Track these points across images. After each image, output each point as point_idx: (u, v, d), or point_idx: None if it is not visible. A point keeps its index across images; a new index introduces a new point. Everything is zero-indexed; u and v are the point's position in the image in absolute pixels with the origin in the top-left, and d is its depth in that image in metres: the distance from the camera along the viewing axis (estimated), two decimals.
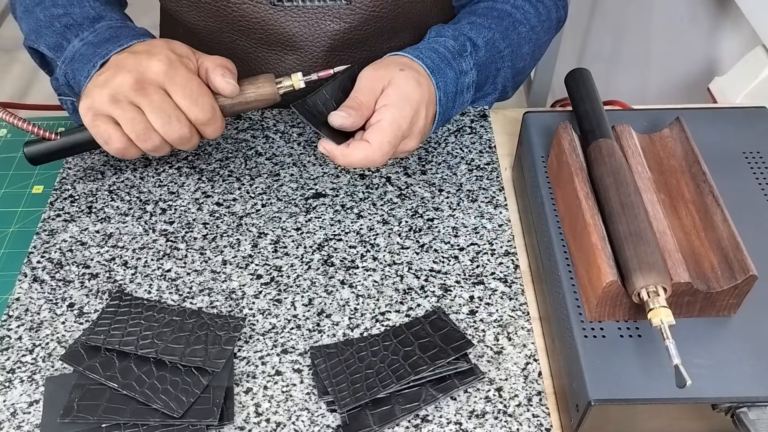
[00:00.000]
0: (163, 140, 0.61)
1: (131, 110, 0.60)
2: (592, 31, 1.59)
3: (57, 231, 0.66)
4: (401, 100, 0.61)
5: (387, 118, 0.60)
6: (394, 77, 0.62)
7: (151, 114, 0.60)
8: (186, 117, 0.61)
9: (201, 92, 0.61)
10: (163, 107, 0.59)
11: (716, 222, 0.52)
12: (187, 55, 0.63)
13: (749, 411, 0.47)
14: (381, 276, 0.63)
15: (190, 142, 0.62)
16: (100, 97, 0.60)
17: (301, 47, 0.75)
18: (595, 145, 0.57)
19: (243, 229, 0.66)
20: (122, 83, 0.59)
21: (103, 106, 0.60)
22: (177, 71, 0.60)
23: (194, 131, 0.62)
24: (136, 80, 0.59)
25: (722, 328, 0.51)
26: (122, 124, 0.60)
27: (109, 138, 0.61)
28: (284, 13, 0.73)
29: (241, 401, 0.55)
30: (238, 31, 0.75)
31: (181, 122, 0.60)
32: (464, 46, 0.69)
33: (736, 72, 0.86)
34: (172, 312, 0.59)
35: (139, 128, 0.60)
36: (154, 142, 0.61)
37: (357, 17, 0.74)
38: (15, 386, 0.56)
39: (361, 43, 0.76)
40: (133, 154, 0.62)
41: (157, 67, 0.60)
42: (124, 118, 0.60)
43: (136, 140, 0.61)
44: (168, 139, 0.61)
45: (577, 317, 0.52)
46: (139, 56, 0.61)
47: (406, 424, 0.53)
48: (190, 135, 0.62)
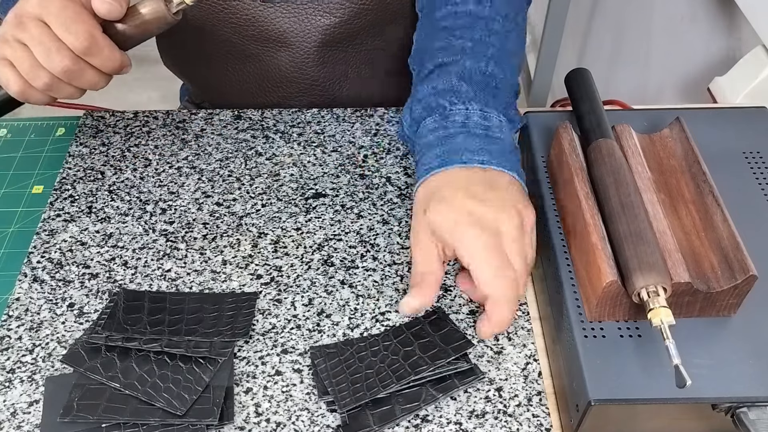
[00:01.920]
0: (52, 76, 0.59)
1: (19, 48, 0.58)
2: (592, 31, 1.59)
3: (57, 231, 0.66)
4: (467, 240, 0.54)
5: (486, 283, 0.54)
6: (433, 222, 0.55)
7: (33, 48, 0.57)
8: (67, 47, 0.58)
9: (76, 19, 0.57)
10: (42, 39, 0.57)
11: (716, 222, 0.52)
12: None
13: (749, 411, 0.47)
14: (381, 276, 0.63)
15: (83, 77, 0.59)
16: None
17: (293, 43, 0.76)
18: (595, 145, 0.57)
19: (243, 229, 0.66)
20: (7, 22, 0.58)
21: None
22: (51, 1, 0.57)
23: (82, 63, 0.59)
24: (15, 15, 0.58)
25: (722, 328, 0.51)
26: (14, 63, 0.59)
27: (7, 81, 0.59)
28: (274, 10, 0.74)
29: (241, 401, 0.55)
30: (230, 27, 0.76)
31: (61, 53, 0.57)
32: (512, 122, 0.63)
33: (736, 72, 0.86)
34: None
35: (27, 66, 0.58)
36: (44, 80, 0.58)
37: (347, 11, 0.74)
38: (15, 386, 0.56)
39: (352, 36, 0.77)
40: (37, 97, 0.60)
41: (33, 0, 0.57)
42: (14, 57, 0.58)
43: (27, 78, 0.59)
44: (54, 73, 0.58)
45: (577, 317, 0.52)
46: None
47: (406, 424, 0.53)
48: (78, 67, 0.58)
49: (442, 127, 0.61)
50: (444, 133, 0.60)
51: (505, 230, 0.55)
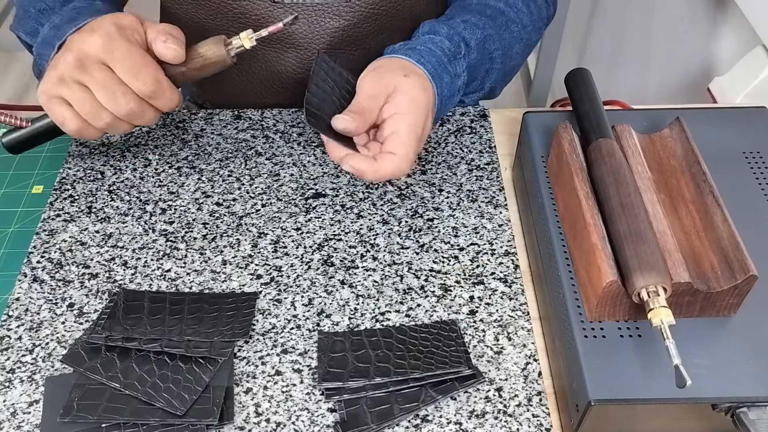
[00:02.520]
0: (114, 117, 0.60)
1: (78, 90, 0.59)
2: (592, 31, 1.59)
3: (57, 231, 0.66)
4: (411, 106, 0.61)
5: (403, 127, 0.60)
6: (400, 84, 0.61)
7: (96, 91, 0.59)
8: (131, 91, 0.59)
9: (142, 64, 0.59)
10: (106, 83, 0.58)
11: (716, 222, 0.52)
12: (132, 26, 0.61)
13: (749, 411, 0.47)
14: (381, 276, 0.63)
15: (143, 117, 0.61)
16: (50, 80, 0.59)
17: (301, 45, 0.75)
18: (595, 145, 0.57)
19: (243, 229, 0.66)
20: (66, 63, 0.59)
21: (53, 88, 0.59)
22: (115, 44, 0.59)
23: (145, 105, 0.61)
24: (76, 58, 0.59)
25: (722, 328, 0.51)
26: (72, 104, 0.59)
27: (63, 120, 0.60)
28: (284, 11, 0.73)
29: (241, 401, 0.55)
30: (238, 28, 0.76)
31: (126, 97, 0.59)
32: (459, 48, 0.69)
33: (736, 72, 0.86)
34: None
35: (88, 107, 0.59)
36: (106, 120, 0.60)
37: (356, 15, 0.74)
38: (15, 386, 0.56)
39: (360, 40, 0.77)
40: (92, 134, 0.62)
41: (95, 42, 0.59)
42: (73, 98, 0.59)
43: (88, 119, 0.60)
44: (118, 116, 0.60)
45: (577, 317, 0.52)
46: (82, 34, 0.60)
47: (405, 424, 0.53)
48: (141, 109, 0.60)
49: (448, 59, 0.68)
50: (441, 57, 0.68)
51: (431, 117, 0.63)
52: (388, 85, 0.61)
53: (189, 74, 0.63)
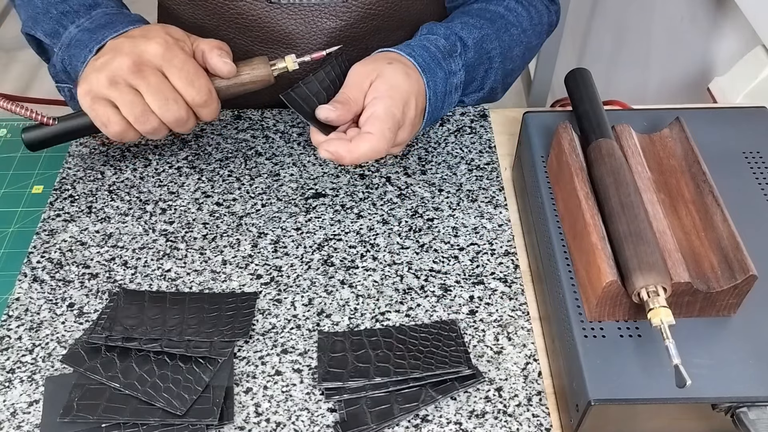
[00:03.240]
0: (160, 122, 0.61)
1: (129, 93, 0.60)
2: (592, 31, 1.59)
3: (57, 231, 0.66)
4: (390, 89, 0.61)
5: (380, 108, 0.60)
6: (382, 70, 0.62)
7: (149, 96, 0.60)
8: (183, 99, 0.61)
9: (198, 74, 0.61)
10: (160, 89, 0.60)
11: (716, 222, 0.52)
12: (183, 38, 0.63)
13: (749, 411, 0.47)
14: (381, 276, 0.63)
15: (187, 124, 0.63)
16: (98, 81, 0.60)
17: (298, 45, 0.76)
18: (595, 145, 0.57)
19: (243, 229, 0.66)
20: (120, 66, 0.60)
21: (102, 90, 0.60)
22: (174, 54, 0.60)
23: (191, 113, 0.62)
24: (133, 63, 0.60)
25: (722, 328, 0.51)
26: (120, 106, 0.60)
27: (108, 121, 0.61)
28: (281, 11, 0.74)
29: (241, 401, 0.55)
30: (235, 28, 0.76)
31: (178, 104, 0.61)
32: (455, 46, 0.69)
33: (736, 72, 0.86)
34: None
35: (138, 110, 0.60)
36: (152, 124, 0.61)
37: (353, 15, 0.74)
38: (15, 386, 0.56)
39: (357, 41, 0.77)
40: (131, 137, 0.63)
41: (154, 49, 0.60)
42: (123, 101, 0.60)
43: (134, 122, 0.61)
44: (165, 121, 0.61)
45: (577, 317, 0.52)
46: (135, 40, 0.61)
47: (405, 424, 0.53)
48: (187, 117, 0.62)
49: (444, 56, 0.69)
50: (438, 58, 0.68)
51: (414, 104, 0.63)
52: (371, 72, 0.63)
53: (232, 89, 0.65)
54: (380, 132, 0.59)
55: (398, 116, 0.61)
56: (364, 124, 0.61)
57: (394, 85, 0.62)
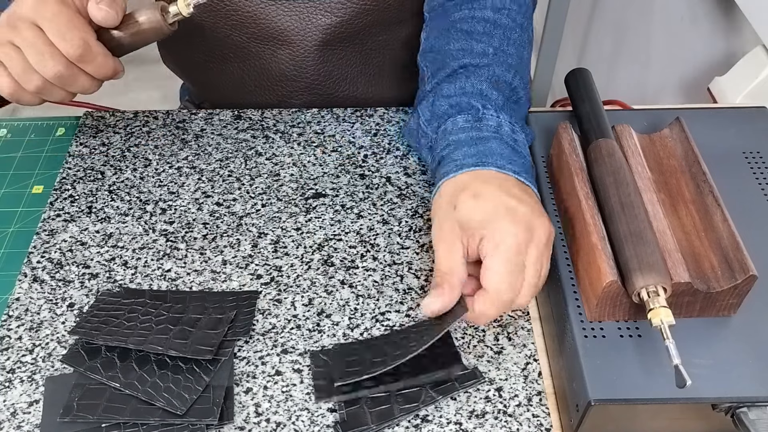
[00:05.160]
0: (44, 80, 0.59)
1: (10, 49, 0.58)
2: (592, 31, 1.59)
3: (57, 231, 0.66)
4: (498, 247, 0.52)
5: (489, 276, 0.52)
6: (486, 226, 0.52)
7: (26, 51, 0.58)
8: (60, 53, 0.58)
9: (71, 25, 0.57)
10: (35, 43, 0.57)
11: (716, 222, 0.52)
12: None
13: (749, 411, 0.47)
14: (381, 276, 0.63)
15: (76, 82, 0.60)
16: None
17: (293, 41, 0.76)
18: (595, 145, 0.57)
19: (243, 229, 0.66)
20: (0, 24, 0.58)
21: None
22: (45, 6, 0.57)
23: (75, 69, 0.59)
24: (8, 18, 0.58)
25: (722, 328, 0.51)
26: (5, 64, 0.59)
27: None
28: (276, 7, 0.74)
29: (241, 401, 0.55)
30: (230, 25, 0.76)
31: (54, 59, 0.58)
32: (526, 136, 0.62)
33: (736, 72, 0.86)
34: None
35: (19, 68, 0.58)
36: (36, 83, 0.59)
37: (348, 11, 0.74)
38: (15, 386, 0.56)
39: (352, 36, 0.77)
40: (27, 99, 0.61)
41: (27, 3, 0.58)
42: (6, 58, 0.59)
43: (19, 81, 0.59)
44: (47, 77, 0.58)
45: (577, 317, 0.52)
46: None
47: (406, 424, 0.53)
48: (70, 73, 0.59)
49: (475, 128, 0.59)
50: (477, 135, 0.59)
51: (536, 234, 0.52)
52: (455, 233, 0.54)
53: (125, 40, 0.61)
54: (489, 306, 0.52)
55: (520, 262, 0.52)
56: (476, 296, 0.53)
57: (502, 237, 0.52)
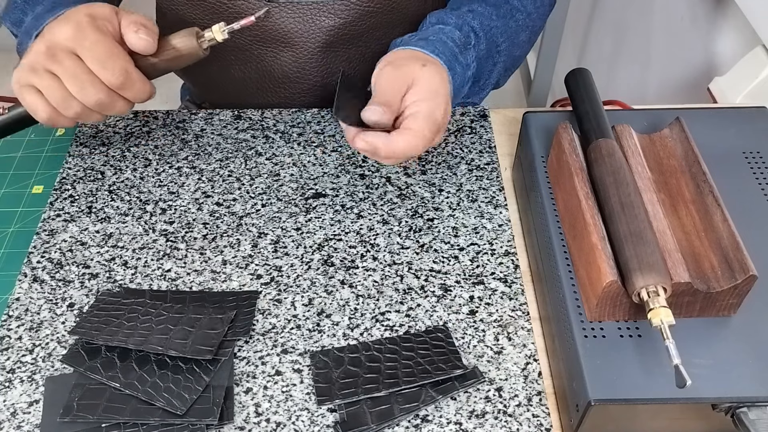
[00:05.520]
0: (83, 107, 0.60)
1: (48, 78, 0.59)
2: (592, 31, 1.59)
3: (57, 231, 0.66)
4: (431, 93, 0.60)
5: (424, 110, 0.59)
6: (418, 75, 0.61)
7: (66, 80, 0.58)
8: (100, 81, 0.59)
9: (110, 54, 0.58)
10: (75, 73, 0.58)
11: (716, 222, 0.52)
12: (106, 16, 0.61)
13: (749, 411, 0.47)
14: (381, 276, 0.63)
15: (114, 107, 0.61)
16: (22, 68, 0.60)
17: (296, 43, 0.76)
18: (595, 145, 0.57)
19: (243, 229, 0.66)
20: (37, 52, 0.59)
21: (25, 77, 0.59)
22: (84, 34, 0.58)
23: (114, 96, 0.60)
24: (47, 48, 0.58)
25: (722, 328, 0.51)
26: (44, 92, 0.59)
27: (35, 108, 0.60)
28: (279, 10, 0.74)
29: (241, 401, 0.55)
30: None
31: (95, 87, 0.59)
32: (468, 38, 0.69)
33: (736, 72, 0.86)
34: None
35: (58, 96, 0.59)
36: (75, 110, 0.60)
37: (352, 13, 0.74)
38: (15, 386, 0.56)
39: (355, 38, 0.77)
40: (63, 123, 0.62)
41: (65, 32, 0.58)
42: (43, 87, 0.59)
43: (58, 108, 0.60)
44: (87, 105, 0.60)
45: (577, 317, 0.52)
46: (54, 24, 0.60)
47: (405, 424, 0.53)
48: (110, 100, 0.60)
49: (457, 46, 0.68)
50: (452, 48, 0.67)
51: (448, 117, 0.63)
52: (406, 76, 0.61)
53: (161, 66, 0.62)
54: (420, 130, 0.59)
55: (439, 120, 0.60)
56: (405, 120, 0.59)
57: (433, 89, 0.61)
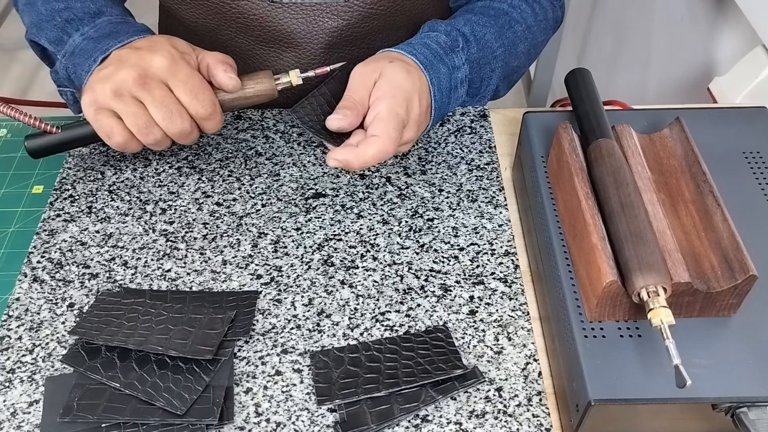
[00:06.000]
0: (164, 134, 0.62)
1: (134, 104, 0.61)
2: (592, 31, 1.59)
3: (57, 231, 0.66)
4: (393, 89, 0.62)
5: (384, 109, 0.60)
6: (384, 69, 0.63)
7: (154, 108, 0.60)
8: (187, 112, 0.62)
9: (202, 88, 0.62)
10: (165, 102, 0.60)
11: (716, 222, 0.52)
12: (188, 51, 0.64)
13: (749, 411, 0.47)
14: (381, 276, 0.63)
15: (190, 136, 0.63)
16: (103, 92, 0.61)
17: (299, 44, 0.76)
18: (595, 145, 0.57)
19: (243, 229, 0.66)
20: (126, 78, 0.60)
21: (106, 101, 0.61)
22: (179, 67, 0.61)
23: (195, 125, 0.63)
24: (139, 75, 0.60)
25: (722, 328, 0.51)
26: (124, 118, 0.61)
27: (111, 132, 0.62)
28: (282, 11, 0.73)
29: (241, 401, 0.55)
30: (236, 28, 0.76)
31: (182, 117, 0.61)
32: (456, 41, 0.69)
33: (736, 72, 0.86)
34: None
35: (141, 122, 0.61)
36: (156, 136, 0.62)
37: (355, 14, 0.74)
38: (15, 386, 0.56)
39: (358, 40, 0.77)
40: (133, 147, 0.63)
41: (160, 62, 0.61)
42: (127, 112, 0.61)
43: (138, 134, 0.61)
44: (169, 133, 0.62)
45: (577, 317, 0.52)
46: (141, 52, 0.62)
47: (405, 424, 0.53)
48: (191, 129, 0.63)
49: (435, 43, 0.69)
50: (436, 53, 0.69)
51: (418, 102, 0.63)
52: (373, 72, 0.63)
53: (236, 102, 0.65)
54: (386, 133, 0.59)
55: (402, 115, 0.61)
56: (369, 126, 0.61)
57: (395, 83, 0.62)
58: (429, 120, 0.67)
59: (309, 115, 0.63)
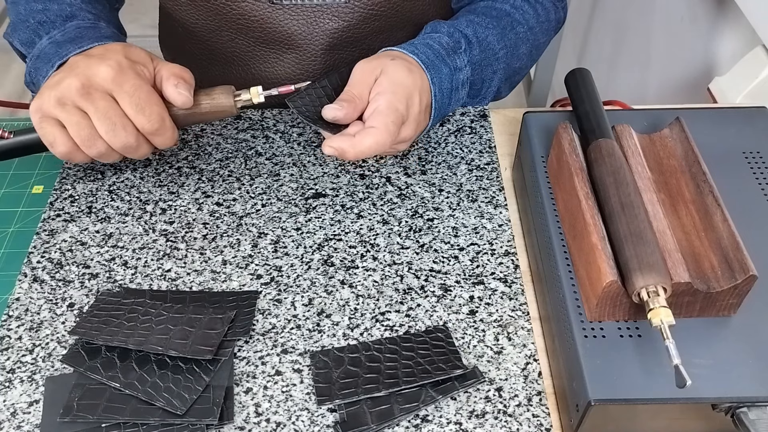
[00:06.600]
0: (108, 147, 0.60)
1: (77, 114, 0.59)
2: (592, 31, 1.59)
3: (57, 231, 0.66)
4: (393, 85, 0.62)
5: (383, 103, 0.61)
6: (386, 67, 0.63)
7: (97, 120, 0.59)
8: (132, 125, 0.60)
9: (149, 101, 0.59)
10: (108, 114, 0.59)
11: (716, 222, 0.52)
12: (143, 61, 0.62)
13: (749, 411, 0.47)
14: (381, 276, 0.63)
15: (138, 151, 0.61)
16: (48, 99, 0.59)
17: (300, 46, 0.76)
18: (595, 145, 0.57)
19: (243, 229, 0.66)
20: (69, 86, 0.59)
21: (50, 109, 0.59)
22: (126, 78, 0.59)
23: (142, 140, 0.61)
24: (82, 85, 0.59)
25: (722, 328, 0.51)
26: (68, 127, 0.59)
27: (54, 141, 0.60)
28: (283, 12, 0.73)
29: (241, 401, 0.55)
30: (236, 29, 0.76)
31: (126, 130, 0.59)
32: (458, 43, 0.70)
33: (736, 72, 0.86)
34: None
35: (84, 134, 0.59)
36: (99, 149, 0.60)
37: (355, 15, 0.74)
38: (15, 386, 0.56)
39: (359, 41, 0.77)
40: (80, 158, 0.62)
41: (105, 72, 0.59)
42: (69, 122, 0.59)
43: (81, 145, 0.60)
44: (113, 147, 0.60)
45: (577, 317, 0.52)
46: (90, 60, 0.60)
47: (406, 423, 0.53)
48: (137, 144, 0.61)
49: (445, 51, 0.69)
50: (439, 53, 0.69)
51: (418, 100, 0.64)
52: (374, 68, 0.63)
53: (191, 118, 0.64)
54: (384, 126, 0.60)
55: (402, 111, 0.61)
56: (368, 119, 0.61)
57: (396, 80, 0.62)
58: (428, 120, 0.67)
59: (306, 105, 0.63)
